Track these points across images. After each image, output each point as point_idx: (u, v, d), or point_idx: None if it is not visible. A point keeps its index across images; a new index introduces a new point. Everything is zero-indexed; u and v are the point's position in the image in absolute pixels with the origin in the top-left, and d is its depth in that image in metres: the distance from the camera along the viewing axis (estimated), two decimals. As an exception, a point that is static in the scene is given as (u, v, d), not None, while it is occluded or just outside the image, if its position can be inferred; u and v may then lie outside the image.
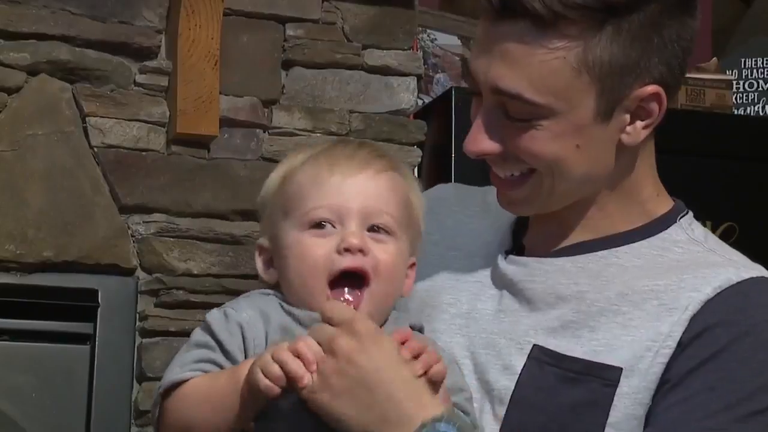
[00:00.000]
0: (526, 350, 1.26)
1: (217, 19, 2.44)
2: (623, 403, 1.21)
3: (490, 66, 1.23)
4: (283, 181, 1.27)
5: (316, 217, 1.22)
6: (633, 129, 1.26)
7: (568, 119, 1.23)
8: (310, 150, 1.29)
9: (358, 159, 1.24)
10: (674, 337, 1.21)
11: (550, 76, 1.21)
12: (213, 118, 2.44)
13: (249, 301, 1.25)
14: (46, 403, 2.36)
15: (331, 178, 1.22)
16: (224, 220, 2.48)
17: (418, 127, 2.64)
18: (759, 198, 2.71)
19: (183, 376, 1.18)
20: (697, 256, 1.28)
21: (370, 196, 1.23)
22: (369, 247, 1.21)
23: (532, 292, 1.29)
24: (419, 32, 2.81)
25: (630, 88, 1.24)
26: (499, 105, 1.25)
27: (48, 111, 2.38)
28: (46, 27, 2.39)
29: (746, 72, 3.05)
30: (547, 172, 1.26)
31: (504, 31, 1.22)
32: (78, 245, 2.36)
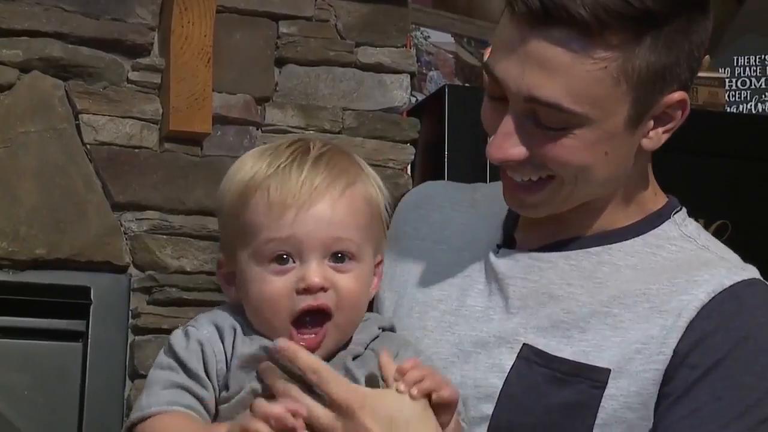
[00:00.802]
0: (515, 349, 1.25)
1: (210, 16, 2.44)
2: (611, 405, 1.20)
3: (524, 73, 1.20)
4: (237, 201, 1.21)
5: (273, 250, 1.17)
6: (655, 134, 1.26)
7: (601, 127, 1.21)
8: (267, 160, 1.21)
9: (316, 185, 1.18)
10: (669, 345, 1.20)
11: (591, 86, 1.19)
12: (206, 116, 2.44)
13: (210, 317, 1.23)
14: (39, 400, 2.35)
15: (286, 210, 1.17)
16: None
17: (411, 125, 2.64)
18: (751, 195, 2.72)
19: (151, 411, 1.16)
20: (690, 254, 1.28)
21: (330, 226, 1.18)
22: (330, 282, 1.18)
23: (523, 289, 1.28)
24: (412, 30, 2.81)
25: (660, 94, 1.23)
26: (530, 112, 1.22)
27: (41, 108, 2.38)
28: (39, 24, 2.39)
29: (739, 70, 3.05)
30: (570, 179, 1.24)
31: (544, 37, 1.18)
32: (70, 242, 2.36)
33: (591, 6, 1.16)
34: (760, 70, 3.03)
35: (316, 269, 1.17)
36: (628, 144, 1.25)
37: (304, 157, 1.21)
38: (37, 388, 2.36)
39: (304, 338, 1.18)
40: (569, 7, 1.16)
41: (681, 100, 1.25)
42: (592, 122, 1.21)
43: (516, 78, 1.20)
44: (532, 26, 1.19)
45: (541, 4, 1.17)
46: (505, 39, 1.22)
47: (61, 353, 2.38)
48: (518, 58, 1.20)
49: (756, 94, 3.03)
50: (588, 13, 1.16)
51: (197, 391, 1.18)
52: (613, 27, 1.17)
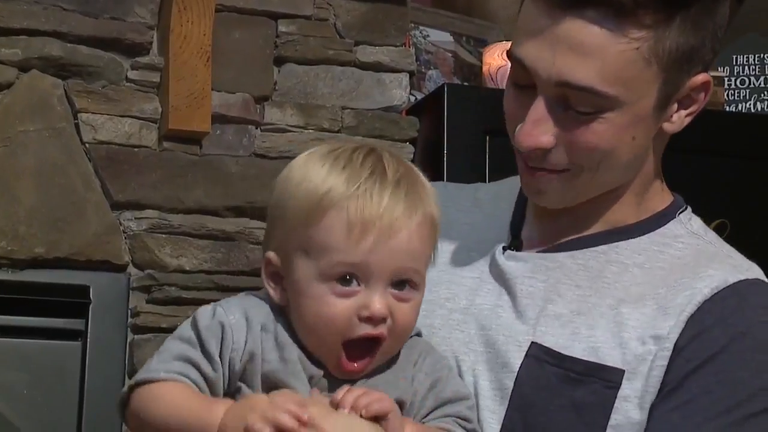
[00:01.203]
0: (524, 347, 1.24)
1: (209, 15, 2.44)
2: (624, 406, 1.20)
3: (555, 57, 1.18)
4: (309, 216, 1.16)
5: (342, 272, 1.15)
6: (678, 117, 1.26)
7: (632, 110, 1.21)
8: (345, 174, 1.17)
9: (396, 216, 1.15)
10: (671, 339, 1.20)
11: (624, 68, 1.18)
12: (205, 115, 2.44)
13: (243, 305, 1.22)
14: (38, 399, 2.35)
15: (364, 237, 1.14)
16: (216, 216, 2.48)
17: (411, 124, 2.64)
18: (750, 195, 2.72)
19: (158, 376, 1.18)
20: (696, 249, 1.28)
21: (403, 256, 1.16)
22: (391, 312, 1.16)
23: (532, 289, 1.28)
24: (411, 29, 2.81)
25: (688, 76, 1.23)
26: (560, 97, 1.21)
27: (39, 107, 2.38)
28: (38, 23, 2.38)
29: (738, 69, 3.05)
30: (593, 166, 1.24)
31: (578, 18, 1.17)
32: (69, 242, 2.36)
33: None
34: (759, 68, 3.03)
35: (381, 299, 1.16)
36: (654, 127, 1.25)
37: (383, 178, 1.17)
38: (37, 387, 2.36)
39: (354, 365, 1.17)
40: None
41: (705, 82, 1.25)
42: (624, 105, 1.20)
43: (546, 62, 1.19)
44: (565, 8, 1.17)
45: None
46: (532, 24, 1.20)
47: (60, 352, 2.38)
48: (548, 42, 1.18)
49: (755, 93, 3.03)
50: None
51: (207, 371, 1.17)
52: (646, 6, 1.16)
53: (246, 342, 1.18)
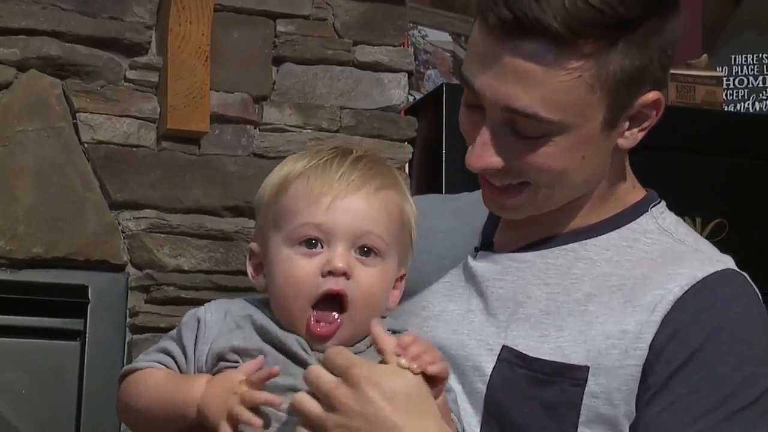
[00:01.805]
0: (495, 351, 1.25)
1: (207, 15, 2.44)
2: (593, 402, 1.21)
3: (501, 84, 1.20)
4: (278, 189, 1.26)
5: (305, 234, 1.22)
6: (631, 134, 1.27)
7: (578, 133, 1.22)
8: (309, 157, 1.27)
9: (353, 179, 1.23)
10: (645, 339, 1.21)
11: (566, 95, 1.19)
12: (203, 114, 2.44)
13: (225, 305, 1.28)
14: (36, 399, 2.35)
15: (323, 197, 1.22)
16: (215, 216, 2.48)
17: (409, 124, 2.64)
18: (749, 194, 2.72)
19: (139, 365, 1.26)
20: (665, 247, 1.28)
21: (361, 218, 1.23)
22: (353, 271, 1.22)
23: (501, 291, 1.29)
24: (410, 28, 2.81)
25: (635, 96, 1.24)
26: (507, 121, 1.23)
27: (38, 107, 2.38)
28: (36, 22, 2.39)
29: (736, 68, 3.05)
30: (548, 184, 1.25)
31: (517, 50, 1.18)
32: (68, 241, 2.36)
33: (563, 17, 1.16)
34: (757, 68, 3.03)
35: (342, 255, 1.22)
36: (605, 146, 1.26)
37: (344, 155, 1.26)
38: (35, 387, 2.36)
39: (320, 325, 1.22)
40: (541, 19, 1.16)
41: (656, 100, 1.25)
42: (569, 129, 1.21)
43: (493, 89, 1.21)
44: (504, 38, 1.19)
45: (513, 16, 1.17)
46: (479, 50, 1.22)
47: (58, 352, 2.38)
48: (493, 69, 1.20)
49: (754, 93, 3.03)
50: (560, 24, 1.16)
51: (180, 362, 1.25)
52: (585, 36, 1.17)
53: (214, 340, 1.23)
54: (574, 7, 1.16)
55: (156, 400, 1.22)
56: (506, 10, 1.17)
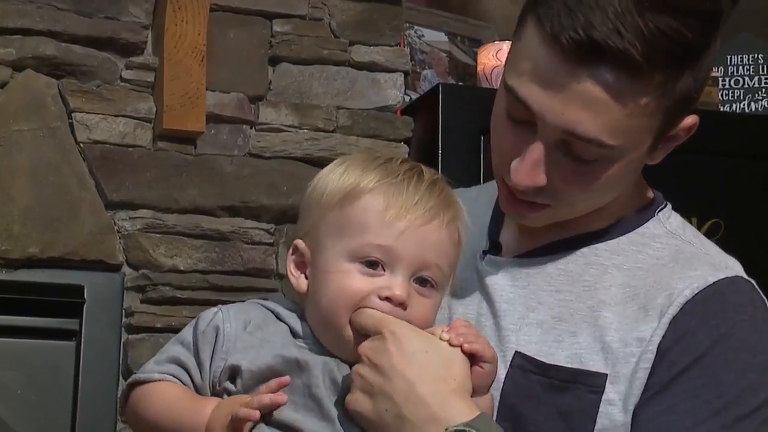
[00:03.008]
0: (507, 357, 1.24)
1: (203, 15, 2.44)
2: (609, 409, 1.20)
3: (565, 109, 1.16)
4: (346, 197, 1.21)
5: (370, 253, 1.18)
6: (660, 153, 1.27)
7: (630, 156, 1.21)
8: (380, 169, 1.22)
9: (430, 207, 1.20)
10: (654, 342, 1.20)
11: (631, 122, 1.18)
12: (199, 114, 2.44)
13: (245, 311, 1.24)
14: (32, 399, 2.35)
15: (397, 221, 1.18)
16: (211, 216, 2.48)
17: (405, 124, 2.64)
18: (744, 195, 2.72)
19: (153, 377, 1.22)
20: (675, 251, 1.28)
21: (430, 249, 1.19)
22: (410, 301, 1.19)
23: (513, 296, 1.28)
24: (406, 28, 2.81)
25: (681, 119, 1.24)
26: (562, 143, 1.20)
27: (34, 106, 2.37)
28: (32, 22, 2.38)
29: (732, 69, 3.05)
30: (576, 203, 1.25)
31: (589, 76, 1.15)
32: (64, 241, 2.36)
33: (641, 44, 1.13)
34: (753, 69, 3.04)
35: (404, 285, 1.18)
36: (641, 165, 1.26)
37: (420, 176, 1.22)
38: (31, 387, 2.36)
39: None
40: (619, 44, 1.13)
41: (694, 124, 1.25)
42: (625, 152, 1.20)
43: (554, 112, 1.17)
44: (577, 62, 1.15)
45: (589, 40, 1.13)
46: (542, 68, 1.17)
47: (54, 352, 2.38)
48: (559, 94, 1.17)
49: (749, 93, 3.03)
50: (638, 52, 1.13)
51: (195, 377, 1.21)
52: (659, 66, 1.15)
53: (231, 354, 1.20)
54: (652, 36, 1.13)
55: (166, 419, 1.19)
56: (583, 33, 1.14)
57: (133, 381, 1.25)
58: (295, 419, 1.16)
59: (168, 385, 1.21)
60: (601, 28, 1.13)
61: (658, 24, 1.14)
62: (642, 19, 1.13)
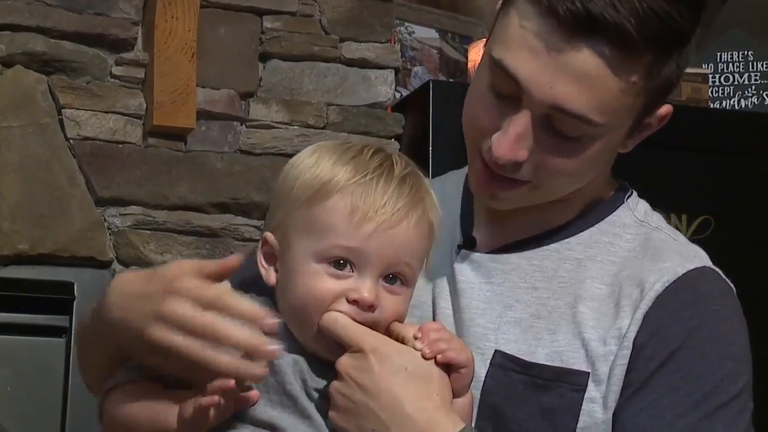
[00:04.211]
0: (487, 356, 1.24)
1: (194, 11, 2.44)
2: (591, 407, 1.21)
3: (555, 82, 1.16)
4: (314, 196, 1.19)
5: (337, 255, 1.17)
6: (631, 142, 1.27)
7: (610, 136, 1.21)
8: (351, 166, 1.19)
9: (399, 207, 1.17)
10: (630, 338, 1.21)
11: (618, 99, 1.17)
12: (190, 111, 2.44)
13: None
14: (22, 396, 2.35)
15: (365, 223, 1.16)
16: (201, 212, 2.48)
17: (396, 120, 2.64)
18: (734, 191, 2.73)
19: (119, 380, 1.21)
20: (645, 239, 1.28)
21: (399, 249, 1.18)
22: (379, 303, 1.17)
23: (489, 293, 1.28)
24: (397, 25, 2.81)
25: (659, 106, 1.24)
26: (546, 117, 1.19)
27: (23, 103, 2.37)
28: (21, 18, 2.38)
29: (722, 66, 3.06)
30: (552, 184, 1.24)
31: (585, 48, 1.15)
32: (54, 238, 2.35)
33: (636, 21, 1.14)
34: (743, 66, 3.04)
35: (372, 287, 1.17)
36: (616, 150, 1.26)
37: (390, 172, 1.20)
38: (20, 384, 2.35)
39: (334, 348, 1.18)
40: (615, 18, 1.13)
41: (668, 113, 1.26)
42: (607, 132, 1.20)
43: (543, 86, 1.16)
44: (573, 34, 1.14)
45: (587, 12, 1.13)
46: (535, 40, 1.16)
47: (44, 349, 2.37)
48: (549, 66, 1.16)
49: (739, 90, 3.04)
50: (633, 28, 1.13)
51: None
52: (650, 44, 1.15)
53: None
54: (645, 15, 1.14)
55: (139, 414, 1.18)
56: (581, 5, 1.13)
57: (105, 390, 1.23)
58: (272, 416, 1.15)
59: (139, 384, 1.20)
60: (598, 1, 1.13)
61: (651, 5, 1.14)
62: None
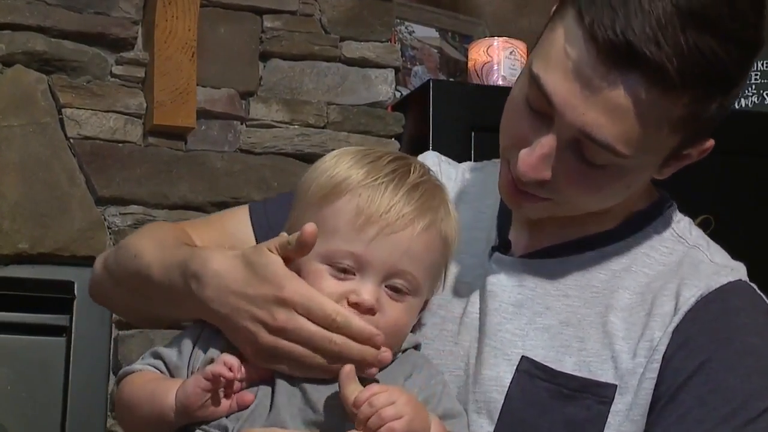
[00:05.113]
0: (514, 361, 1.22)
1: (194, 11, 2.43)
2: (617, 420, 1.19)
3: (587, 109, 1.13)
4: (326, 196, 1.18)
5: (340, 260, 1.16)
6: (668, 170, 1.24)
7: (639, 168, 1.19)
8: (367, 168, 1.19)
9: (404, 213, 1.16)
10: (660, 351, 1.19)
11: (650, 136, 1.14)
12: (190, 110, 2.43)
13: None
14: (22, 395, 2.35)
15: (368, 228, 1.15)
16: (201, 212, 2.47)
17: (396, 119, 2.64)
18: (735, 191, 2.72)
19: (132, 368, 1.23)
20: (681, 256, 1.27)
21: (401, 257, 1.16)
22: (380, 307, 1.16)
23: (520, 297, 1.26)
24: (397, 24, 2.81)
25: (701, 141, 1.21)
26: (575, 142, 1.16)
27: (24, 102, 2.37)
28: (22, 17, 2.38)
29: (722, 65, 3.05)
30: (578, 203, 1.22)
31: (620, 82, 1.11)
32: (54, 237, 2.35)
33: (678, 60, 1.09)
34: (743, 65, 3.04)
35: (372, 290, 1.16)
36: (650, 176, 1.24)
37: (402, 179, 1.18)
38: (20, 383, 2.35)
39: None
40: (656, 56, 1.09)
41: (710, 147, 1.22)
42: (634, 163, 1.17)
43: (575, 110, 1.13)
44: (611, 65, 1.11)
45: (627, 44, 1.09)
46: (573, 63, 1.13)
47: (44, 348, 2.38)
48: (584, 92, 1.13)
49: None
50: (674, 68, 1.09)
51: (170, 359, 1.21)
52: (691, 86, 1.11)
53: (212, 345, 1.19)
54: (690, 54, 1.09)
55: (141, 399, 1.19)
56: (621, 35, 1.09)
57: (119, 376, 1.25)
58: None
59: (145, 373, 1.21)
60: (641, 34, 1.09)
61: (699, 43, 1.09)
62: (683, 34, 1.09)
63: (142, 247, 1.30)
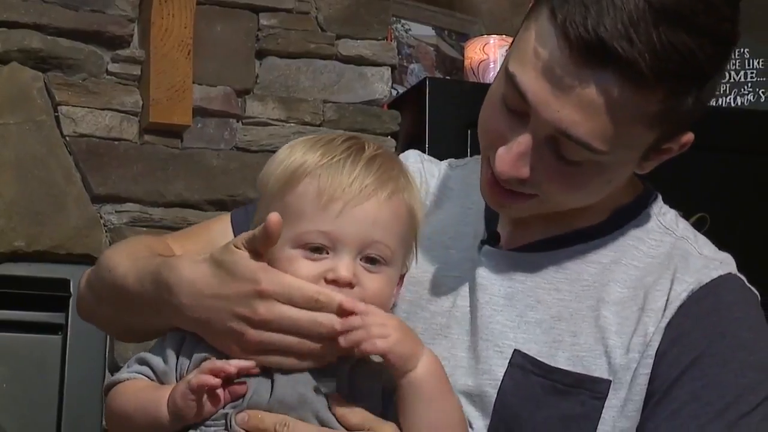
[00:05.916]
0: (506, 354, 1.22)
1: (190, 8, 2.43)
2: (611, 415, 1.19)
3: (562, 107, 1.13)
4: (286, 183, 1.19)
5: (311, 240, 1.16)
6: (649, 164, 1.25)
7: (618, 161, 1.19)
8: (321, 150, 1.20)
9: (366, 185, 1.17)
10: (653, 346, 1.19)
11: (626, 132, 1.14)
12: (186, 108, 2.43)
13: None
14: (18, 393, 2.35)
15: (333, 203, 1.16)
16: (197, 209, 2.48)
17: (392, 117, 2.64)
18: (731, 189, 2.73)
19: (119, 378, 1.22)
20: (669, 248, 1.27)
21: (371, 227, 1.17)
22: (359, 280, 1.17)
23: (511, 290, 1.26)
24: (393, 22, 2.81)
25: (679, 135, 1.21)
26: (551, 139, 1.17)
27: (19, 100, 2.37)
28: (18, 15, 2.37)
29: (718, 63, 3.05)
30: (560, 199, 1.23)
31: (591, 78, 1.11)
32: (50, 235, 2.35)
33: (651, 56, 1.09)
34: (739, 63, 3.04)
35: (348, 264, 1.16)
36: (631, 170, 1.24)
37: (358, 154, 1.20)
38: (16, 381, 2.35)
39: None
40: (628, 52, 1.09)
41: (689, 141, 1.23)
42: (612, 159, 1.18)
43: (551, 108, 1.14)
44: (584, 63, 1.11)
45: (599, 41, 1.09)
46: (547, 62, 1.14)
47: (40, 346, 2.38)
48: (558, 90, 1.13)
49: (735, 88, 3.04)
50: (646, 64, 1.09)
51: (157, 365, 1.21)
52: (665, 81, 1.11)
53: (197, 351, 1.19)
54: (663, 50, 1.09)
55: (134, 409, 1.19)
56: (593, 32, 1.10)
57: (107, 386, 1.24)
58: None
59: (134, 381, 1.21)
60: (613, 30, 1.09)
61: (672, 39, 1.10)
62: (656, 30, 1.09)
63: (118, 260, 1.29)
